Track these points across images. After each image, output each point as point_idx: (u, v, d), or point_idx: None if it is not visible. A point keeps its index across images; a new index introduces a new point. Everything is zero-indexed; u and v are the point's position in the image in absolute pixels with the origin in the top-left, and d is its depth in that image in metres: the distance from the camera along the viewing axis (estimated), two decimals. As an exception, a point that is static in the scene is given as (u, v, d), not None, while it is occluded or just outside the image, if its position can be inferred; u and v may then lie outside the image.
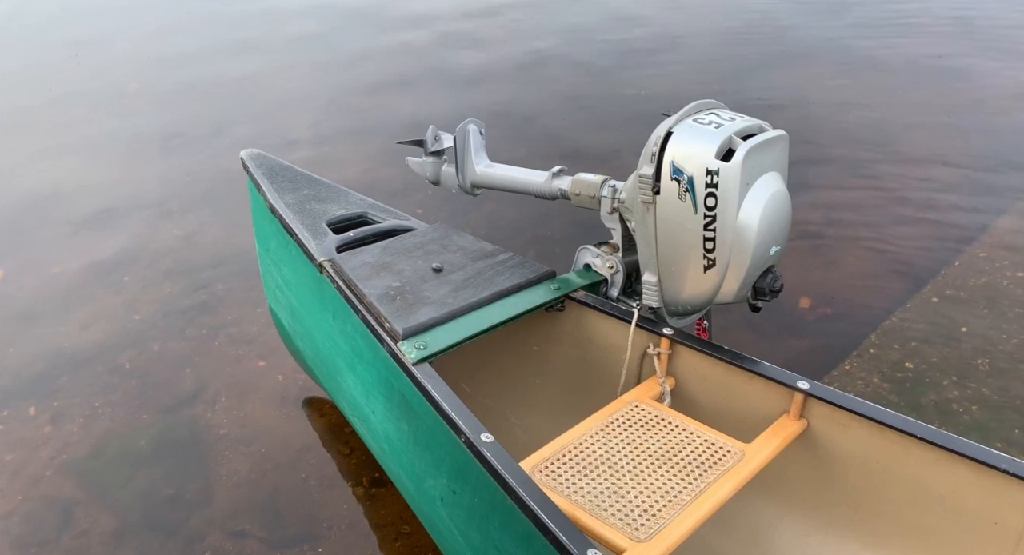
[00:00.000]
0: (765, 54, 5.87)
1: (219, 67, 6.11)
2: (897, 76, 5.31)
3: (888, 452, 1.61)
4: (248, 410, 2.60)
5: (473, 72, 5.71)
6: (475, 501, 1.53)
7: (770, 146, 1.69)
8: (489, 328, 1.78)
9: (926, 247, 3.34)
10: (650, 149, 1.70)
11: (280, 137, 4.73)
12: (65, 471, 2.39)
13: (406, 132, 4.61)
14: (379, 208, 2.29)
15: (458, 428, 1.52)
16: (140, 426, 2.56)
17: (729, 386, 1.79)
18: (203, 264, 3.45)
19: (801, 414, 1.70)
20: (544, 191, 2.11)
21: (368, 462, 2.36)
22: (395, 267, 1.95)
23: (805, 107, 4.82)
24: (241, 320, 3.05)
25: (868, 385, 2.59)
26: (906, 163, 4.10)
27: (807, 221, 3.56)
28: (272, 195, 2.18)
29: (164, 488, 2.31)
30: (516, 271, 1.97)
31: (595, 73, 5.62)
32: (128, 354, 2.89)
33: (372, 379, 1.85)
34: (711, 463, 1.60)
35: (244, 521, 2.20)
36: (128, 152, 4.63)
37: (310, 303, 2.10)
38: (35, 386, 2.75)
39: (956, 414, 2.43)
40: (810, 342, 2.82)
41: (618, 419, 1.72)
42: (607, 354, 1.99)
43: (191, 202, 4.00)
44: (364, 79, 5.69)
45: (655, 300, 1.85)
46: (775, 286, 1.77)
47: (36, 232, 3.76)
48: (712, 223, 1.66)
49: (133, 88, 5.71)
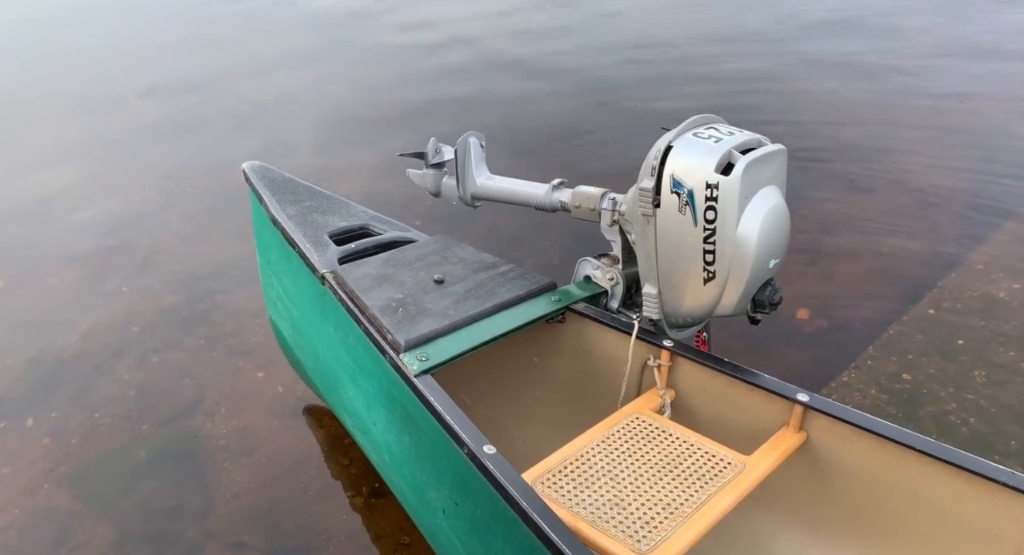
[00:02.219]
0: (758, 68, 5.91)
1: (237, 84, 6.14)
2: (885, 86, 5.35)
3: (888, 464, 1.62)
4: (247, 421, 2.60)
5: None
6: (477, 513, 1.53)
7: (769, 160, 1.71)
8: (490, 340, 1.79)
9: (923, 259, 3.36)
10: (650, 163, 1.72)
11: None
12: (63, 483, 2.38)
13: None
14: (381, 220, 2.30)
15: (460, 440, 1.52)
16: (139, 437, 2.55)
17: (729, 398, 1.80)
18: (202, 274, 3.45)
19: (801, 426, 1.70)
20: (544, 203, 2.12)
21: (367, 473, 2.36)
22: (397, 279, 1.96)
23: (799, 117, 4.85)
24: (240, 331, 3.05)
25: (866, 397, 2.60)
26: (901, 174, 4.13)
27: (805, 233, 3.58)
28: (274, 207, 2.19)
29: (163, 499, 2.31)
30: (517, 283, 1.98)
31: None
32: (127, 365, 2.89)
33: (374, 390, 1.86)
34: (712, 475, 1.60)
35: (243, 533, 2.19)
36: (126, 162, 4.64)
37: (311, 315, 2.10)
38: (33, 397, 2.75)
39: (954, 426, 2.44)
40: (808, 354, 2.83)
41: (619, 431, 1.73)
42: (608, 366, 2.00)
43: (191, 213, 4.01)
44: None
45: (655, 312, 1.86)
46: (774, 299, 1.78)
47: (35, 243, 3.77)
48: (712, 236, 1.67)
49: (135, 101, 5.73)
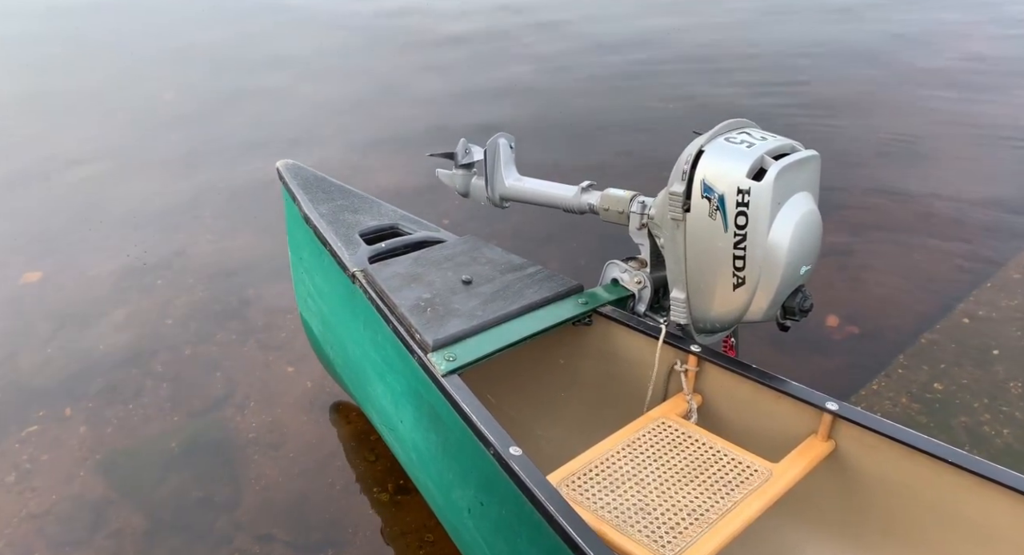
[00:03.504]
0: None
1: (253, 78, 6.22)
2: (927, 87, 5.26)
3: (918, 476, 1.60)
4: (277, 415, 2.64)
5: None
6: (503, 513, 1.54)
7: (802, 166, 1.70)
8: (517, 341, 1.80)
9: (957, 267, 3.31)
10: (681, 167, 1.72)
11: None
12: (99, 471, 2.44)
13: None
14: (410, 219, 2.33)
15: (487, 440, 1.54)
16: (171, 428, 2.61)
17: (756, 405, 1.79)
18: (235, 269, 3.51)
19: (829, 435, 1.69)
20: (573, 206, 2.13)
21: (393, 469, 2.39)
22: (426, 279, 1.98)
23: (832, 121, 4.79)
24: (271, 326, 3.10)
25: (896, 405, 2.56)
26: (936, 181, 4.06)
27: (835, 239, 3.53)
28: (307, 205, 2.23)
29: (194, 490, 2.36)
30: (544, 285, 1.98)
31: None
32: (161, 357, 2.95)
33: (402, 389, 1.88)
34: (738, 482, 1.60)
35: (271, 525, 2.23)
36: (160, 159, 4.73)
37: (341, 312, 2.13)
38: (71, 387, 2.82)
39: (988, 437, 2.40)
40: (837, 361, 2.80)
41: (645, 435, 1.73)
42: (634, 369, 2.00)
43: (224, 208, 4.08)
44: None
45: (683, 317, 1.86)
46: (805, 305, 1.77)
47: (74, 235, 3.86)
48: (742, 242, 1.66)
49: (168, 97, 5.84)
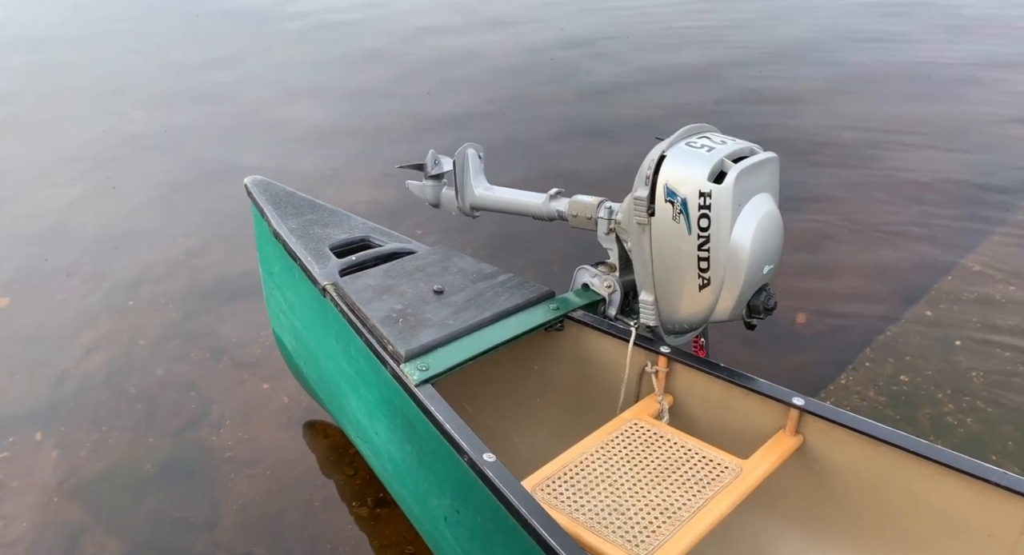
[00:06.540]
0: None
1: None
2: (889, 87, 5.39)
3: (884, 467, 1.64)
4: (253, 432, 2.63)
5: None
6: (478, 520, 1.56)
7: (761, 168, 1.74)
8: (490, 348, 1.82)
9: (920, 262, 3.39)
10: (644, 172, 1.75)
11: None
12: (72, 496, 2.41)
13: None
14: (381, 232, 2.34)
15: (461, 448, 1.55)
16: (146, 450, 2.58)
17: (726, 403, 1.83)
18: (206, 288, 3.49)
19: (797, 430, 1.73)
20: (542, 213, 2.16)
21: (372, 483, 2.39)
22: (397, 290, 1.99)
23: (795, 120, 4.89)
24: (244, 343, 3.08)
25: (864, 399, 2.62)
26: (900, 177, 4.16)
27: (802, 237, 3.60)
28: (276, 220, 2.23)
29: (171, 511, 2.33)
30: (516, 292, 2.01)
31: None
32: (133, 378, 2.92)
33: (375, 400, 1.89)
34: (709, 479, 1.63)
35: (249, 543, 2.22)
36: (129, 177, 4.69)
37: (314, 326, 2.13)
38: (41, 412, 2.78)
39: (951, 427, 2.46)
40: (806, 357, 2.85)
41: (618, 437, 1.76)
42: (606, 372, 2.02)
43: (194, 227, 4.05)
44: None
45: (652, 319, 1.89)
46: (769, 304, 1.81)
47: (39, 260, 3.81)
48: (706, 244, 1.70)
49: (137, 115, 5.78)
